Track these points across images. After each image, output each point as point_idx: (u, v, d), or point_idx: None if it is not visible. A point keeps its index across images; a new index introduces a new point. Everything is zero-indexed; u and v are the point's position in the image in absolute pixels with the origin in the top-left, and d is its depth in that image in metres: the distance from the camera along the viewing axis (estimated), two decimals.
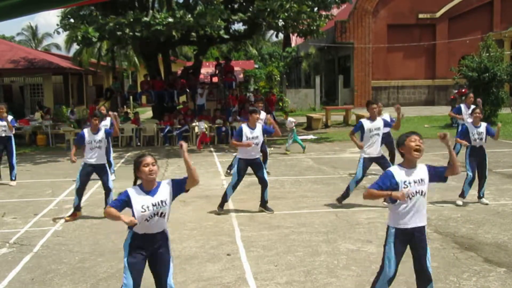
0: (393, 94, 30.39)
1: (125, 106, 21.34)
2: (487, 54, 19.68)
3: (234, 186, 8.11)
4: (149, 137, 17.72)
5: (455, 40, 29.13)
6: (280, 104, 27.14)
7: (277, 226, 7.31)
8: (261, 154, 8.37)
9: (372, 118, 8.32)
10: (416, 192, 4.16)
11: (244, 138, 7.90)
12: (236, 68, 24.38)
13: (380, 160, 8.27)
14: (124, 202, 4.04)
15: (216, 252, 6.20)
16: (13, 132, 10.95)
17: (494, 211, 7.84)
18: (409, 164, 4.23)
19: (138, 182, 4.22)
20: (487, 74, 18.96)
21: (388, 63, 29.96)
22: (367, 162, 8.18)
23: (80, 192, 8.00)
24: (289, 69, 41.65)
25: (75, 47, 31.18)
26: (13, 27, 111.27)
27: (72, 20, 17.10)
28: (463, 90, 21.12)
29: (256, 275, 5.49)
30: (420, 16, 29.48)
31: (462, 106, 11.33)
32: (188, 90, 20.46)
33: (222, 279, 5.41)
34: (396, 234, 4.21)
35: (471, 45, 25.86)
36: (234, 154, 14.61)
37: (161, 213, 4.09)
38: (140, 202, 4.03)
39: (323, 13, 19.23)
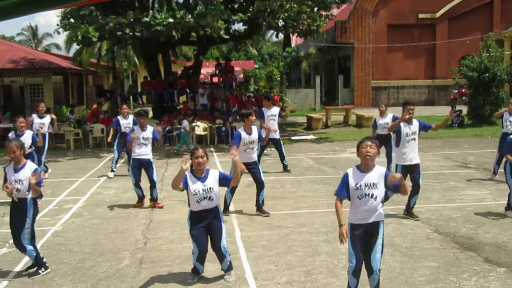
0: (393, 94, 30.39)
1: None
2: (487, 54, 19.68)
3: (231, 191, 7.98)
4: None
5: (455, 40, 29.13)
6: (281, 104, 27.14)
7: (277, 226, 7.31)
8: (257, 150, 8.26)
9: (408, 121, 7.61)
10: (365, 194, 4.41)
11: (241, 143, 7.81)
12: (236, 68, 24.38)
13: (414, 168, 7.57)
14: (184, 181, 5.09)
15: None
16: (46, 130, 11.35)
17: (494, 211, 7.84)
18: (364, 168, 4.49)
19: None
20: (487, 74, 18.96)
21: (388, 63, 29.96)
22: (403, 170, 7.45)
23: (137, 185, 8.69)
24: (289, 69, 41.66)
25: (75, 47, 31.18)
26: (13, 27, 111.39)
27: (72, 20, 17.09)
28: (463, 90, 21.16)
29: (256, 275, 5.49)
30: (420, 16, 29.48)
31: (505, 113, 10.69)
32: (188, 90, 20.46)
33: (222, 279, 5.41)
34: (351, 228, 4.53)
35: (471, 45, 25.85)
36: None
37: (210, 197, 5.12)
38: (193, 186, 5.09)
39: (323, 13, 19.24)
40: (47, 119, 11.42)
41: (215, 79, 22.22)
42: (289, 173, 11.46)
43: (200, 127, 17.22)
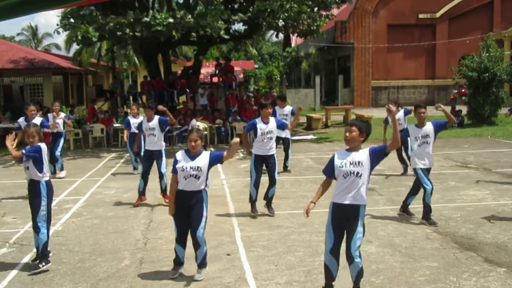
0: (393, 94, 30.40)
1: (125, 106, 21.34)
2: (487, 54, 19.68)
3: (255, 184, 7.82)
4: None
5: (455, 40, 29.15)
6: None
7: (277, 226, 7.31)
8: (275, 148, 8.00)
9: (419, 124, 7.43)
10: (350, 172, 4.61)
11: (258, 133, 7.71)
12: (236, 68, 24.37)
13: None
14: (175, 162, 5.32)
15: (216, 252, 6.20)
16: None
17: (494, 211, 7.84)
18: (349, 148, 4.75)
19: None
20: (487, 74, 18.96)
21: (388, 63, 29.97)
22: (425, 171, 7.26)
23: (144, 176, 8.78)
24: (289, 69, 41.67)
25: (75, 47, 31.18)
26: (13, 27, 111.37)
27: (72, 20, 17.08)
28: (463, 90, 21.16)
29: (256, 275, 5.49)
30: (420, 16, 29.50)
31: None
32: (188, 90, 20.46)
33: (222, 279, 5.41)
34: (333, 208, 4.74)
35: (471, 45, 25.86)
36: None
37: (196, 175, 5.24)
38: (182, 163, 5.28)
39: (323, 13, 19.22)
40: (61, 116, 11.65)
41: (215, 79, 22.22)
42: (289, 173, 11.46)
43: (200, 127, 17.21)
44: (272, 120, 7.87)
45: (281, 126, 8.06)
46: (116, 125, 18.04)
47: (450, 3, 29.37)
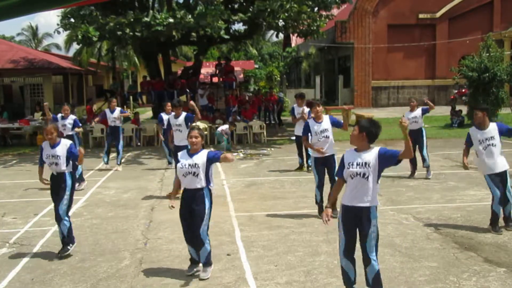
0: (393, 94, 30.38)
1: (125, 106, 21.34)
2: (487, 54, 19.66)
3: (318, 186, 7.65)
4: (149, 137, 17.71)
5: (455, 40, 29.12)
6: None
7: (277, 226, 7.31)
8: (333, 150, 7.67)
9: (480, 126, 6.92)
10: (356, 173, 4.47)
11: (312, 134, 7.58)
12: (236, 68, 24.37)
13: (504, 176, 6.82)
14: (176, 161, 5.53)
15: (216, 252, 6.19)
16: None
17: None
18: (357, 148, 4.59)
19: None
20: (487, 74, 18.94)
21: (388, 63, 29.95)
22: (494, 178, 6.82)
23: None
24: (289, 69, 41.68)
25: (75, 47, 31.21)
26: (13, 27, 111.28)
27: (72, 20, 17.09)
28: (463, 90, 21.16)
29: (256, 275, 5.49)
30: (420, 16, 29.47)
31: None
32: (188, 90, 20.46)
33: (222, 279, 5.41)
34: (342, 209, 4.63)
35: (471, 45, 25.83)
36: (235, 154, 14.65)
37: (194, 172, 5.30)
38: (182, 161, 5.38)
39: (323, 13, 19.23)
40: (69, 120, 11.03)
41: (215, 79, 22.22)
42: (309, 173, 11.37)
43: (200, 127, 17.21)
44: (326, 118, 7.65)
45: (336, 124, 7.78)
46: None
47: (450, 3, 29.34)
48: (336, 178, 4.79)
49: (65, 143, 6.29)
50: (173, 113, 9.61)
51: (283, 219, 7.66)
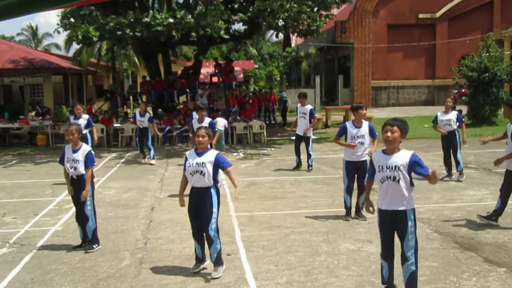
0: (393, 94, 30.40)
1: (125, 106, 21.34)
2: (487, 54, 19.67)
3: (347, 191, 7.51)
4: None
5: (455, 40, 29.14)
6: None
7: (277, 226, 7.31)
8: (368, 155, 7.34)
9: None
10: (387, 177, 4.43)
11: (348, 138, 7.38)
12: (236, 68, 24.36)
13: None
14: (185, 160, 5.52)
15: None
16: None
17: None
18: (387, 150, 4.52)
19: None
20: (487, 74, 18.95)
21: (388, 63, 29.96)
22: None
23: None
24: (289, 69, 41.68)
25: (75, 47, 31.20)
26: (13, 27, 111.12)
27: (72, 20, 17.08)
28: (463, 90, 21.16)
29: (256, 275, 5.48)
30: (420, 16, 29.49)
31: None
32: (188, 90, 20.46)
33: (222, 279, 5.40)
34: (378, 213, 4.63)
35: (471, 45, 25.86)
36: (235, 154, 14.65)
37: (201, 171, 5.33)
38: (190, 160, 5.42)
39: (323, 13, 19.22)
40: (82, 120, 10.95)
41: (215, 79, 22.22)
42: (309, 173, 11.39)
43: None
44: (365, 124, 7.40)
45: (371, 133, 7.49)
46: (116, 125, 18.04)
47: (450, 3, 29.36)
48: (366, 181, 4.76)
49: (85, 149, 6.40)
50: (196, 117, 9.68)
51: (283, 219, 7.66)
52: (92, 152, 6.49)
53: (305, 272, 5.54)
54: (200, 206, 5.40)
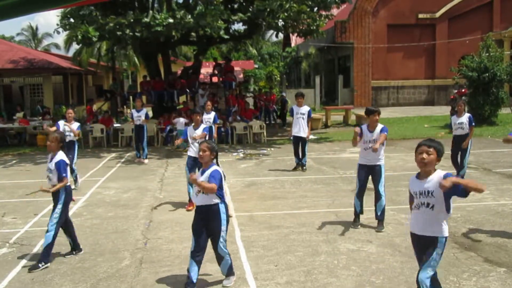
0: (393, 94, 30.40)
1: (125, 106, 21.33)
2: (487, 54, 19.68)
3: (358, 195, 7.29)
4: (149, 137, 17.69)
5: (455, 40, 29.13)
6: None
7: (277, 226, 7.31)
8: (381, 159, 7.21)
9: None
10: (421, 204, 4.14)
11: (362, 141, 7.22)
12: (236, 68, 24.37)
13: None
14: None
15: None
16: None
17: (494, 211, 7.84)
18: (421, 175, 4.19)
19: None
20: (487, 74, 18.95)
21: (388, 63, 29.96)
22: None
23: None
24: (289, 69, 41.68)
25: (74, 47, 31.20)
26: (13, 27, 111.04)
27: (72, 20, 17.09)
28: (463, 90, 21.16)
29: (256, 275, 5.49)
30: (420, 16, 29.48)
31: None
32: (188, 90, 20.45)
33: (222, 279, 5.41)
34: (411, 236, 4.34)
35: (471, 45, 25.85)
36: (234, 154, 14.65)
37: (200, 190, 5.08)
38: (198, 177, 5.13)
39: (323, 13, 19.22)
40: (74, 125, 10.71)
41: (215, 79, 22.22)
42: (303, 172, 11.43)
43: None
44: (378, 129, 7.20)
45: (382, 130, 7.25)
46: (116, 125, 18.04)
47: (450, 3, 29.36)
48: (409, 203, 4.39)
49: (57, 157, 6.00)
50: (185, 121, 9.51)
51: (283, 219, 7.66)
52: (65, 160, 6.03)
53: (305, 272, 5.54)
54: (208, 224, 5.13)
